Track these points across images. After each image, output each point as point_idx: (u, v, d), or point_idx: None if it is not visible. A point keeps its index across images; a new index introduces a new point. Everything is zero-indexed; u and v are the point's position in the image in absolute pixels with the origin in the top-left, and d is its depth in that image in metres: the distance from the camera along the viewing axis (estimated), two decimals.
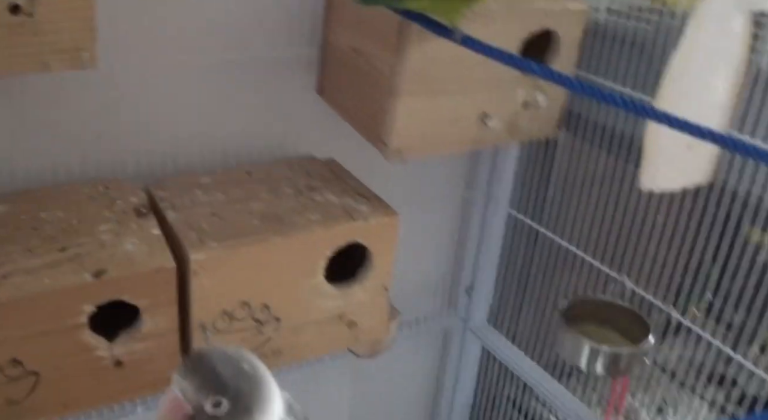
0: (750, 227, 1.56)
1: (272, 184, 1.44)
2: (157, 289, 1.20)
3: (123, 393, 1.29)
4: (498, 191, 1.85)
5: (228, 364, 0.62)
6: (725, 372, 2.08)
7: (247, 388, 0.62)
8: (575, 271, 1.80)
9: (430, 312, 2.01)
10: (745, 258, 1.56)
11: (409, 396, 2.21)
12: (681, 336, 1.84)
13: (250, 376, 0.63)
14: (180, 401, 0.59)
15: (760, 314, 1.70)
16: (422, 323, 1.98)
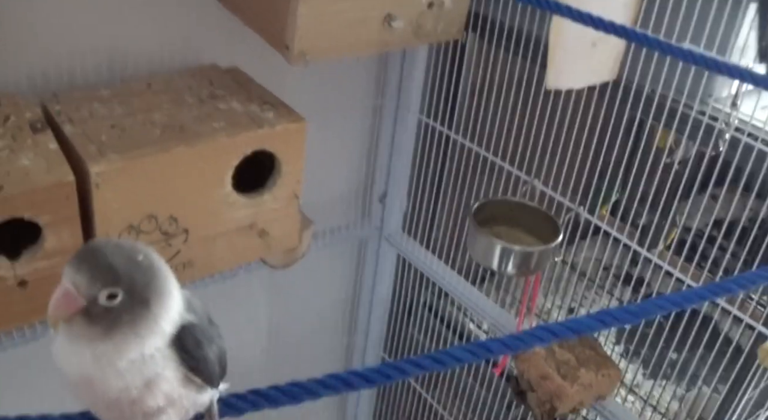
0: (656, 128, 1.59)
1: (174, 94, 1.40)
2: (57, 204, 1.16)
3: (30, 314, 1.26)
4: (408, 98, 1.84)
5: (122, 255, 0.60)
6: (633, 271, 2.16)
7: (142, 278, 0.60)
8: (487, 176, 1.82)
9: (344, 222, 2.01)
10: (650, 158, 1.60)
11: (327, 306, 2.22)
12: (591, 237, 1.89)
13: (145, 266, 0.61)
14: (71, 294, 0.57)
15: (664, 213, 1.75)
16: (337, 233, 1.99)
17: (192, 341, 0.64)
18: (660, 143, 1.70)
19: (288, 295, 2.06)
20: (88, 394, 0.64)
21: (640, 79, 1.48)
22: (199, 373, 0.65)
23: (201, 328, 0.66)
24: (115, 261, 0.59)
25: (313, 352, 2.22)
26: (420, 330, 2.22)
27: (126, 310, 0.59)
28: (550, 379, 1.53)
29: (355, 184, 1.99)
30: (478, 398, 2.10)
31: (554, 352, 1.59)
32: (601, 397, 1.62)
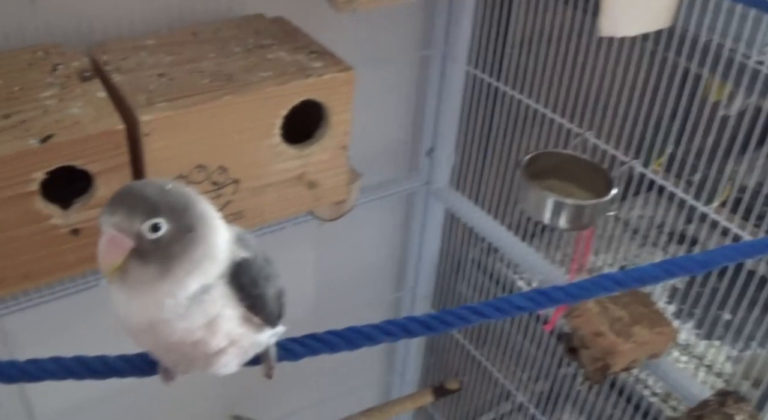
0: (711, 79, 1.54)
1: (220, 43, 1.39)
2: (107, 153, 1.16)
3: (83, 262, 1.27)
4: (455, 48, 1.80)
5: (151, 187, 0.59)
6: (687, 230, 2.12)
7: (179, 204, 0.59)
8: (537, 128, 1.79)
9: (392, 176, 1.99)
10: (706, 112, 1.55)
11: (374, 261, 2.22)
12: (644, 193, 1.85)
13: (177, 194, 0.60)
14: (116, 237, 0.56)
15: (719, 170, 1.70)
16: (384, 187, 1.97)
17: (248, 278, 0.63)
18: (716, 96, 1.65)
19: (335, 249, 2.06)
20: (150, 338, 0.64)
21: (696, 28, 1.43)
22: (257, 311, 0.64)
23: (257, 264, 0.65)
24: (147, 192, 0.58)
25: (360, 307, 2.22)
26: (468, 286, 2.20)
27: (174, 240, 0.58)
28: (604, 336, 1.51)
29: (402, 138, 1.97)
30: (527, 355, 2.08)
31: (608, 308, 1.56)
32: (654, 355, 1.59)
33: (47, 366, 0.66)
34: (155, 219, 0.57)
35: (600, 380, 1.53)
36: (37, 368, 0.62)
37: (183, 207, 0.59)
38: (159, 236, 0.57)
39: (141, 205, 0.57)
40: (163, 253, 0.58)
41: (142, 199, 0.57)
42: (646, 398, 1.80)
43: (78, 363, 0.64)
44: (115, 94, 1.23)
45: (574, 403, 1.98)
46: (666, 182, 1.57)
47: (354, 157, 1.50)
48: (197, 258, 0.59)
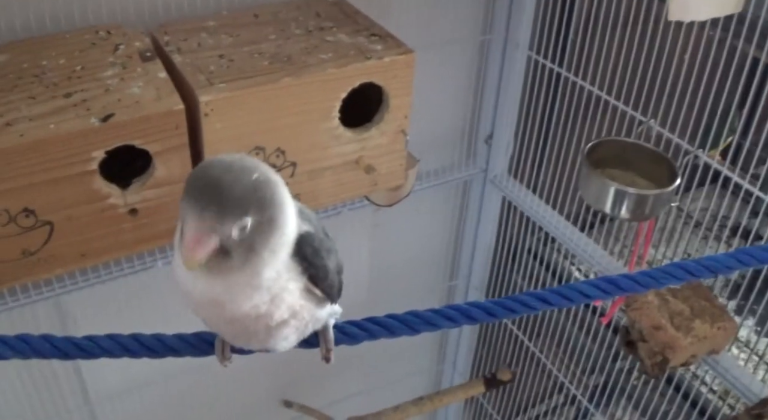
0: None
1: (281, 25, 1.38)
2: (167, 133, 1.16)
3: (140, 242, 1.27)
4: (516, 33, 1.77)
5: (240, 179, 0.56)
6: (751, 224, 2.05)
7: (266, 198, 0.57)
8: (599, 116, 1.75)
9: (449, 163, 1.97)
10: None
11: (429, 248, 2.20)
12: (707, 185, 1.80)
13: (263, 183, 0.58)
14: (204, 235, 0.54)
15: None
16: (441, 174, 1.95)
17: (311, 250, 0.62)
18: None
19: (390, 235, 2.04)
20: (213, 312, 0.63)
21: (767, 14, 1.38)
22: (319, 283, 0.63)
23: (318, 237, 0.64)
24: (238, 190, 0.55)
25: (412, 295, 2.21)
26: (524, 276, 2.17)
27: (257, 232, 0.57)
28: (663, 330, 1.47)
29: (461, 124, 1.94)
30: (582, 348, 2.05)
31: (668, 301, 1.52)
32: (714, 351, 1.55)
33: (103, 343, 0.65)
34: (245, 219, 0.55)
35: (658, 375, 1.49)
36: (93, 345, 0.62)
37: (269, 200, 0.58)
38: (245, 235, 0.56)
39: (232, 205, 0.55)
40: (244, 247, 0.57)
41: (233, 199, 0.55)
42: (703, 395, 1.76)
43: (134, 341, 0.64)
44: (175, 75, 1.23)
45: (629, 398, 1.94)
46: (731, 173, 1.52)
47: (411, 142, 1.48)
48: (276, 248, 0.59)
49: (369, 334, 0.66)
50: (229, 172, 0.57)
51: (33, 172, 1.10)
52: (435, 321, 0.64)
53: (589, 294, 0.65)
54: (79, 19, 1.35)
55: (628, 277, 0.66)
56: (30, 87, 1.17)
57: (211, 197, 0.55)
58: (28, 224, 1.15)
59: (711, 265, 0.68)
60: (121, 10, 1.38)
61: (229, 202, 0.55)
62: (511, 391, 2.38)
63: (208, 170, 0.57)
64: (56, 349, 0.61)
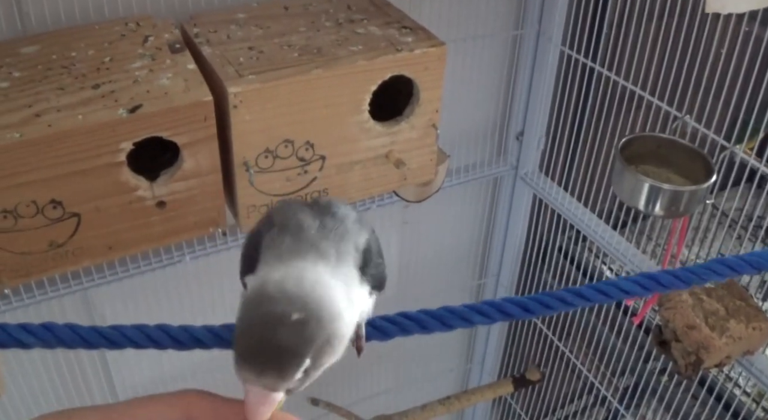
0: None
1: (311, 17, 1.36)
2: (195, 124, 1.15)
3: (167, 235, 1.26)
4: (549, 27, 1.74)
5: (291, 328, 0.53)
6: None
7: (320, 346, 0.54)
8: (633, 112, 1.72)
9: (479, 159, 1.94)
10: None
11: (459, 245, 2.18)
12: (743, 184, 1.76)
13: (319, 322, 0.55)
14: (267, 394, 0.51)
15: None
16: (471, 171, 1.92)
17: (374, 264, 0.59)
18: None
19: (419, 232, 2.02)
20: None
21: None
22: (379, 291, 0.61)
23: (376, 244, 0.61)
24: (293, 343, 0.52)
25: (442, 291, 2.19)
26: (554, 275, 2.14)
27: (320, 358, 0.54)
28: (698, 329, 1.44)
29: (492, 120, 1.92)
30: (613, 349, 2.02)
31: (702, 301, 1.49)
32: (749, 352, 1.52)
33: (129, 332, 0.64)
34: (303, 367, 0.52)
35: (691, 375, 1.46)
36: (118, 334, 0.61)
37: (326, 341, 0.54)
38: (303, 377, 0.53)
39: (290, 363, 0.52)
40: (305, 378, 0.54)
41: (290, 356, 0.52)
42: (737, 397, 1.73)
43: (160, 331, 0.62)
44: (204, 66, 1.22)
45: (660, 399, 1.91)
46: (766, 168, 1.49)
47: (441, 138, 1.47)
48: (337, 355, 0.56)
49: (401, 328, 0.64)
50: (282, 326, 0.53)
51: (61, 163, 1.09)
52: (469, 317, 0.62)
53: (628, 290, 0.62)
54: (109, 11, 1.34)
55: (668, 273, 0.63)
56: (59, 78, 1.17)
57: (268, 358, 0.52)
58: (56, 216, 1.15)
59: (754, 260, 0.65)
60: (151, 2, 1.37)
61: (287, 361, 0.52)
62: (540, 391, 2.35)
63: (257, 328, 0.53)
64: (80, 338, 0.60)
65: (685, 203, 1.45)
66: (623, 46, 1.69)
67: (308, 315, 0.52)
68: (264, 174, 1.25)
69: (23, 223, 1.12)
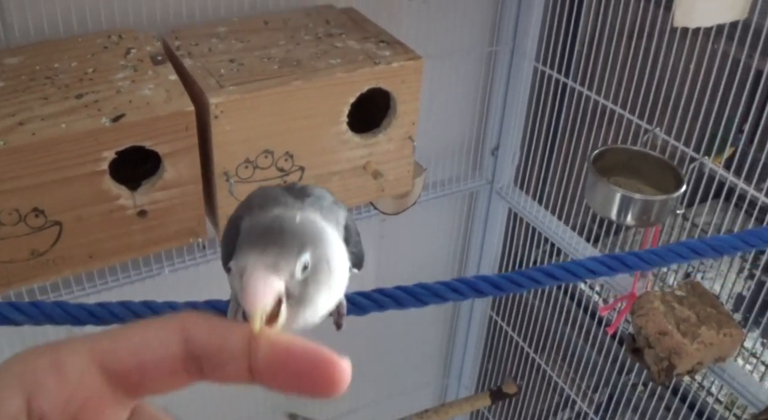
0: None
1: (290, 32, 1.39)
2: (177, 134, 1.17)
3: (148, 245, 1.28)
4: (524, 44, 1.79)
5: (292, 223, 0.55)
6: None
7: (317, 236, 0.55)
8: (605, 126, 1.76)
9: (455, 174, 1.97)
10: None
11: (435, 259, 2.20)
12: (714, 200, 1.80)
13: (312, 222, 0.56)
14: (269, 277, 0.50)
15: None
16: (447, 185, 1.95)
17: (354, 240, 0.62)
18: None
19: (396, 245, 2.05)
20: None
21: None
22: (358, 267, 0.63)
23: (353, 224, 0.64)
24: (295, 227, 0.53)
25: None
26: (529, 289, 2.17)
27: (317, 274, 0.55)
28: (670, 336, 1.47)
29: (467, 135, 1.95)
30: (588, 360, 2.04)
31: (674, 308, 1.52)
32: (720, 358, 1.55)
33: (115, 309, 0.66)
34: (305, 254, 0.53)
35: (664, 381, 1.49)
36: (104, 311, 0.62)
37: (320, 238, 0.55)
38: (306, 275, 0.53)
39: (291, 241, 0.53)
40: (305, 290, 0.54)
41: (291, 235, 0.53)
42: (709, 405, 1.76)
43: (145, 307, 0.64)
44: (185, 78, 1.24)
45: (635, 410, 1.94)
46: (736, 180, 1.53)
47: (419, 153, 1.49)
48: (334, 284, 0.56)
49: (377, 304, 0.66)
50: (280, 222, 0.54)
51: (44, 171, 1.11)
52: (443, 293, 0.65)
53: (595, 270, 0.65)
54: (92, 24, 1.36)
55: (633, 255, 0.66)
56: (42, 88, 1.18)
57: (270, 238, 0.52)
58: (38, 224, 1.16)
59: (715, 244, 0.68)
60: (134, 16, 1.39)
61: (287, 239, 0.53)
62: (517, 404, 2.37)
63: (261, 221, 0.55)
64: (68, 314, 0.62)
65: (656, 213, 1.49)
66: (595, 62, 1.73)
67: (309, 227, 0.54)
68: (244, 184, 1.27)
69: (5, 230, 1.13)
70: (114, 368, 0.31)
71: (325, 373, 0.32)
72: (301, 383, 0.32)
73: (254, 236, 0.51)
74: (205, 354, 0.32)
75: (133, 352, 0.31)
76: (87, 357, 0.31)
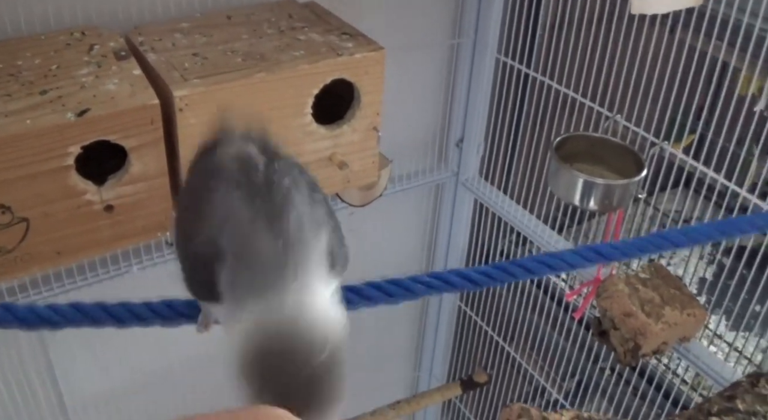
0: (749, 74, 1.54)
1: (253, 26, 1.40)
2: (142, 128, 1.17)
3: (116, 240, 1.28)
4: (485, 36, 1.81)
5: None
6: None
7: None
8: (567, 114, 1.79)
9: (421, 167, 1.99)
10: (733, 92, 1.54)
11: (403, 251, 2.22)
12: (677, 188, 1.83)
13: None
14: None
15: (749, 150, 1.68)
16: (414, 178, 1.97)
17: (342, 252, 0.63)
18: (749, 90, 1.64)
19: (365, 239, 2.06)
20: None
21: (725, 8, 1.43)
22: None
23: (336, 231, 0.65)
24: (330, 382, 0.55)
25: None
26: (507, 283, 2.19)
27: None
28: (634, 317, 1.50)
29: (432, 128, 1.97)
30: (556, 347, 2.07)
31: (638, 290, 1.55)
32: (685, 338, 1.58)
33: (90, 311, 0.66)
34: None
35: (631, 362, 1.52)
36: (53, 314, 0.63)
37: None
38: None
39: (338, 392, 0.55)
40: None
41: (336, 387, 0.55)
42: (676, 386, 1.79)
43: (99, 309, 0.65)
44: (150, 72, 1.25)
45: (603, 393, 1.97)
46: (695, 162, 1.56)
47: (384, 146, 1.51)
48: None
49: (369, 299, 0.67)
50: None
51: (9, 167, 1.11)
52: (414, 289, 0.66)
53: (572, 263, 0.67)
54: (55, 23, 1.36)
55: (608, 246, 0.68)
56: (6, 85, 1.18)
57: None
58: (5, 221, 1.16)
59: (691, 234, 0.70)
60: (96, 15, 1.39)
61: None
62: (488, 393, 2.39)
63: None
64: (17, 319, 0.62)
65: (618, 197, 1.52)
66: (556, 52, 1.75)
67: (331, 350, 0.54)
68: None
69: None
70: None
71: None
72: None
73: None
74: None
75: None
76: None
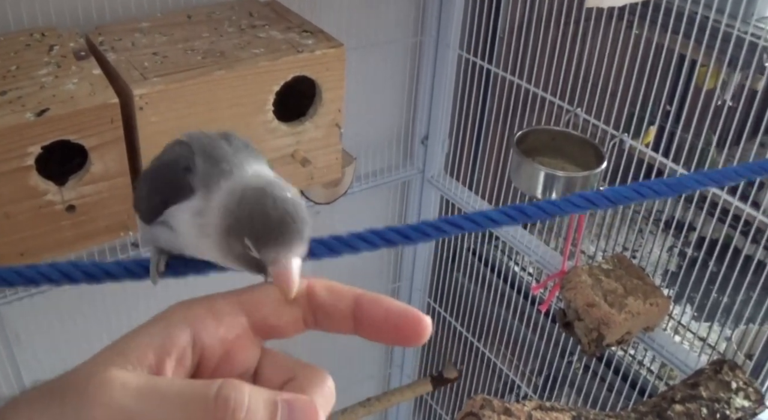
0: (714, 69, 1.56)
1: (214, 24, 1.41)
2: (102, 127, 1.17)
3: (79, 240, 1.28)
4: (447, 34, 1.82)
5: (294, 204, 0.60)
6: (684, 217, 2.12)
7: None
8: (528, 109, 1.80)
9: (387, 164, 2.00)
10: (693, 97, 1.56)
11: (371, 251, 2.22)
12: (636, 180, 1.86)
13: None
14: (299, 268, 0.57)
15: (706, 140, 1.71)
16: (380, 175, 1.98)
17: None
18: (709, 84, 1.67)
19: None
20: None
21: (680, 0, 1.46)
22: None
23: None
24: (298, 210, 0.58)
25: None
26: (465, 274, 2.21)
27: None
28: (597, 307, 1.52)
29: (397, 125, 1.98)
30: (524, 340, 2.09)
31: (601, 281, 1.57)
32: (649, 327, 1.61)
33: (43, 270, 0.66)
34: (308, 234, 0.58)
35: (595, 352, 1.54)
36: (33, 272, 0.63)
37: None
38: None
39: (303, 228, 0.57)
40: None
41: (300, 221, 0.57)
42: (642, 376, 1.81)
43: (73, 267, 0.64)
44: (110, 72, 1.25)
45: (572, 385, 1.99)
46: (654, 154, 1.58)
47: (349, 144, 1.52)
48: None
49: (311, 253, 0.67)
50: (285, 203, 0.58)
51: None
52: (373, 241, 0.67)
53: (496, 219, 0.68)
54: (14, 23, 1.36)
55: (533, 205, 0.69)
56: None
57: (287, 227, 0.56)
58: None
59: (610, 195, 0.72)
60: (56, 15, 1.39)
61: (301, 228, 0.57)
62: (459, 390, 2.41)
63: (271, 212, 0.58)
64: None
65: (580, 189, 1.54)
66: (517, 48, 1.78)
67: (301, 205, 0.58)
68: None
69: None
70: (256, 315, 0.40)
71: (415, 327, 0.40)
72: (397, 336, 0.41)
73: (271, 226, 0.55)
74: (322, 309, 0.42)
75: (270, 303, 0.41)
76: (236, 306, 0.40)
